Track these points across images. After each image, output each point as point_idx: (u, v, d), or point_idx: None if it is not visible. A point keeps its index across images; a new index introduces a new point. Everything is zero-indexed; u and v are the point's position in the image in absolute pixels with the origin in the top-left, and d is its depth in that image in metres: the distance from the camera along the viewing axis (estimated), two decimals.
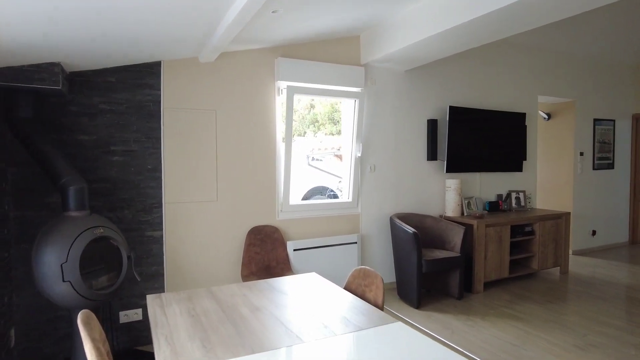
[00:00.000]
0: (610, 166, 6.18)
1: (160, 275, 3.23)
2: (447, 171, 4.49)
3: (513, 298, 4.03)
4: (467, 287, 4.19)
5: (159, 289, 3.22)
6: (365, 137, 4.12)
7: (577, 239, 5.77)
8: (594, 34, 5.37)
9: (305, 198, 6.02)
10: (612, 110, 6.19)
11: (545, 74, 5.44)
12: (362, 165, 4.12)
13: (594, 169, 5.98)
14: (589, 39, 5.45)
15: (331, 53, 3.91)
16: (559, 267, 4.89)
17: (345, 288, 2.21)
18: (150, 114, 3.16)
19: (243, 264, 3.40)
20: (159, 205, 3.19)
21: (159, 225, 3.20)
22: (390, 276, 4.34)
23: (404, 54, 3.72)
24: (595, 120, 5.95)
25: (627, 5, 4.94)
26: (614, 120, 6.18)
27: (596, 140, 5.97)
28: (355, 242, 3.95)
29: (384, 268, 4.31)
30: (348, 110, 4.12)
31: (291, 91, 3.62)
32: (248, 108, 3.55)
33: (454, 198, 4.48)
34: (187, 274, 3.33)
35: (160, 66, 3.19)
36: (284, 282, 2.26)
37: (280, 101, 3.70)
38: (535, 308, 3.76)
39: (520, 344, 3.03)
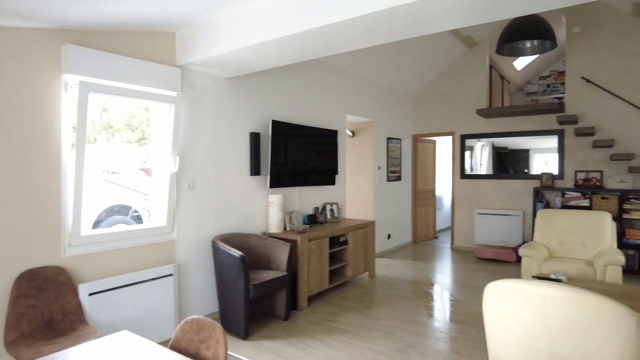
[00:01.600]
0: (399, 178, 7.18)
1: None
2: (270, 186, 4.33)
3: (335, 309, 4.12)
4: (292, 305, 4.08)
5: None
6: (182, 149, 3.58)
7: (376, 243, 6.45)
8: (387, 64, 6.15)
9: (99, 220, 4.96)
10: (399, 131, 7.22)
11: (352, 95, 5.92)
12: (178, 181, 3.56)
13: (387, 180, 6.83)
14: (383, 68, 6.21)
15: (141, 48, 3.25)
16: (367, 272, 5.31)
17: (172, 347, 1.71)
18: None
19: (8, 326, 2.41)
20: None
21: None
22: (213, 306, 3.88)
23: (225, 59, 3.38)
24: (388, 138, 6.82)
25: (407, 45, 5.82)
26: (400, 139, 7.22)
27: (389, 156, 6.84)
28: (171, 274, 3.35)
29: (205, 298, 3.82)
30: (161, 117, 3.51)
31: (85, 88, 2.82)
32: (17, 107, 2.59)
33: (277, 214, 4.35)
34: None
35: None
36: (82, 356, 1.60)
37: (67, 100, 2.84)
38: (357, 317, 3.90)
39: None
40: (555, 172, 6.32)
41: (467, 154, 7.26)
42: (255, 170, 4.21)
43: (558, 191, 6.12)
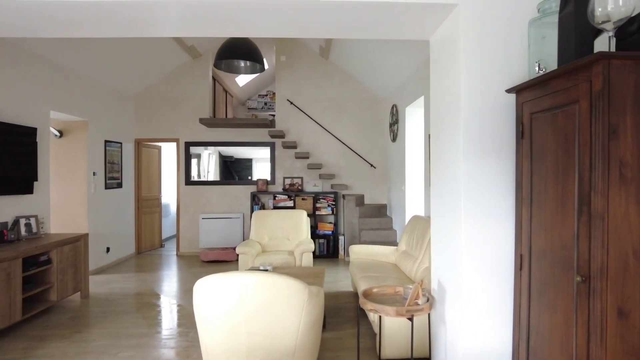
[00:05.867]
0: (120, 185, 6.63)
1: None
2: None
3: (33, 343, 3.43)
4: None
5: None
6: None
7: (92, 258, 5.75)
8: (104, 60, 5.61)
9: None
10: (120, 134, 6.69)
11: (59, 89, 5.08)
12: None
13: (105, 188, 6.20)
14: (99, 65, 5.62)
15: None
16: (79, 292, 4.66)
17: None
18: None
19: None
20: None
21: None
22: None
23: None
24: (106, 141, 6.20)
25: (128, 44, 5.53)
26: (121, 143, 6.69)
27: (107, 161, 6.23)
28: None
29: None
30: None
31: None
32: None
33: None
34: None
35: None
36: None
37: None
38: (63, 345, 3.37)
39: None
40: (269, 178, 7.28)
41: (194, 161, 7.42)
42: None
43: (270, 194, 7.06)
